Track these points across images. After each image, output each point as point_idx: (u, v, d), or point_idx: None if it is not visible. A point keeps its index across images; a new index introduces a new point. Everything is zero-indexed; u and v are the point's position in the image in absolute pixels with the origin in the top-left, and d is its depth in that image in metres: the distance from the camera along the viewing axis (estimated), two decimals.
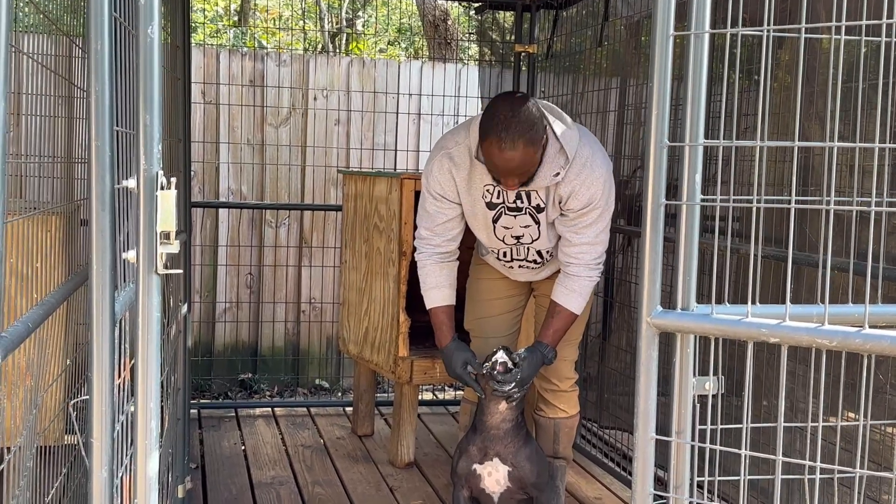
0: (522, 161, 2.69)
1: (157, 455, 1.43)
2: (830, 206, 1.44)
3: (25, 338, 1.47)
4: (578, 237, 2.90)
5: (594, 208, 2.85)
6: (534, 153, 2.70)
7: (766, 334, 1.45)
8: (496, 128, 2.65)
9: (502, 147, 2.65)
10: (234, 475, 3.75)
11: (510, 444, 2.88)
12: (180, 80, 3.08)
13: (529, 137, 2.66)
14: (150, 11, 1.35)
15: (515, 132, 2.64)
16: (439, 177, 2.94)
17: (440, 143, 3.00)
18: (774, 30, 1.48)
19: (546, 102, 2.92)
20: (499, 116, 2.66)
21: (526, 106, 2.69)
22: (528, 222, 2.97)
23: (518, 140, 2.64)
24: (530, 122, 2.66)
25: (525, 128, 2.65)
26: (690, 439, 1.56)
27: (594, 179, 2.82)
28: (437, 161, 2.95)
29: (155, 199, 1.37)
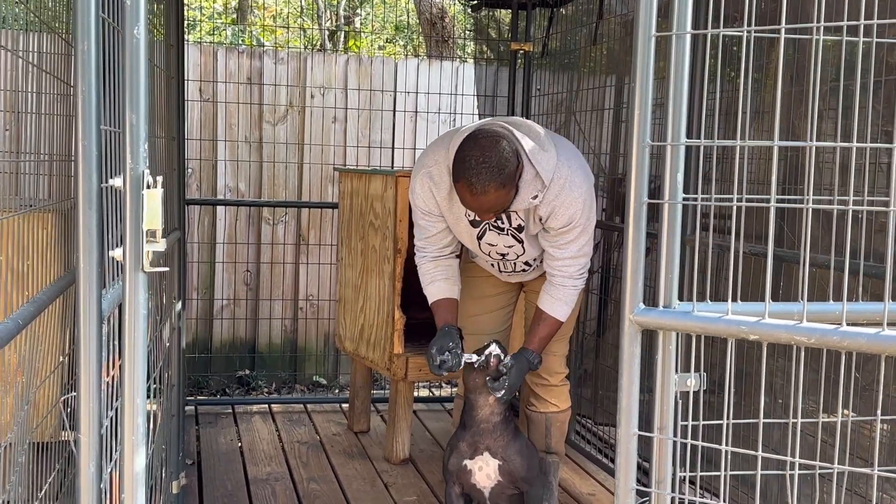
0: (494, 202, 2.73)
1: (144, 451, 1.45)
2: (809, 204, 1.46)
3: (15, 335, 1.49)
4: (561, 252, 2.93)
5: (575, 226, 2.88)
6: (505, 194, 2.72)
7: (746, 331, 1.46)
8: (467, 173, 2.67)
9: (473, 192, 2.68)
10: (229, 471, 3.77)
11: (499, 438, 2.90)
12: (174, 79, 3.10)
13: (500, 181, 2.67)
14: (136, 12, 1.37)
15: (486, 177, 2.65)
16: (421, 194, 2.98)
17: (421, 160, 3.03)
18: (755, 30, 1.50)
19: (522, 121, 2.91)
20: (469, 161, 2.67)
21: (497, 147, 2.68)
22: (511, 242, 3.03)
23: (489, 184, 2.66)
24: (500, 165, 2.66)
25: (495, 173, 2.65)
26: (673, 435, 1.57)
27: (573, 199, 2.83)
28: (419, 179, 2.98)
29: (141, 197, 1.39)
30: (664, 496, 1.57)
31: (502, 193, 2.70)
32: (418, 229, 3.09)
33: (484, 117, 4.94)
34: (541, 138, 2.82)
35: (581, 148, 4.28)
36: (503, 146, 2.69)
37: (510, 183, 2.70)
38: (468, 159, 2.67)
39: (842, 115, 1.91)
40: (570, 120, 4.41)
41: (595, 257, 4.14)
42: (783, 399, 2.97)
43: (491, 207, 2.75)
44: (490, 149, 2.66)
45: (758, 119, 3.13)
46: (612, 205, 4.11)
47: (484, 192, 2.67)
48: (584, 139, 4.25)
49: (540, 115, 4.65)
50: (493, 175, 2.65)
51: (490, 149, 2.66)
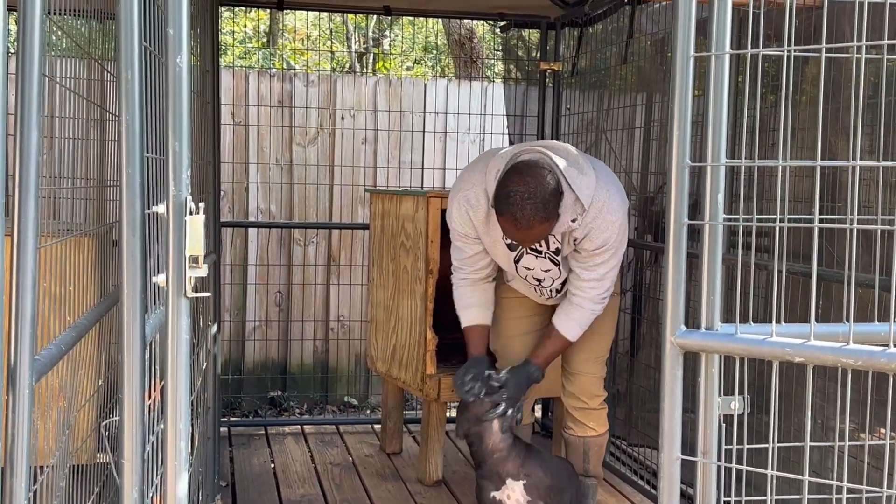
0: (539, 235, 2.74)
1: (187, 475, 1.45)
2: (854, 224, 1.44)
3: (58, 360, 1.51)
4: (588, 273, 2.93)
5: (607, 250, 2.88)
6: (549, 226, 2.72)
7: (791, 354, 1.44)
8: (511, 208, 2.67)
9: (518, 226, 2.69)
10: (263, 493, 3.77)
11: (514, 459, 2.93)
12: (210, 104, 3.13)
13: (545, 215, 2.67)
14: (178, 42, 1.39)
15: (531, 212, 2.65)
16: (458, 217, 3.00)
17: (458, 184, 3.04)
18: (796, 50, 1.49)
19: (557, 144, 2.91)
20: (514, 197, 2.66)
21: (541, 181, 2.67)
22: (548, 266, 3.03)
23: (533, 219, 2.66)
24: (545, 200, 2.66)
25: (540, 207, 2.65)
26: (716, 459, 1.56)
27: (609, 224, 2.83)
28: (456, 202, 2.99)
29: (184, 224, 1.40)
30: None
31: (546, 226, 2.71)
32: (455, 251, 3.09)
33: (513, 137, 4.95)
34: (578, 162, 2.82)
35: (612, 166, 4.27)
36: (546, 178, 2.68)
37: (554, 215, 2.71)
38: (513, 194, 2.66)
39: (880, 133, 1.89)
40: (600, 139, 4.40)
41: (627, 276, 4.12)
42: (822, 419, 2.92)
43: (535, 239, 2.77)
44: (534, 183, 2.66)
45: (794, 136, 3.10)
46: (644, 223, 4.09)
47: (529, 226, 2.67)
48: (614, 157, 4.24)
49: (570, 133, 4.65)
50: (538, 209, 2.65)
51: (534, 183, 2.66)
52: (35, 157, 1.30)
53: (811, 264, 1.54)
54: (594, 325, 3.13)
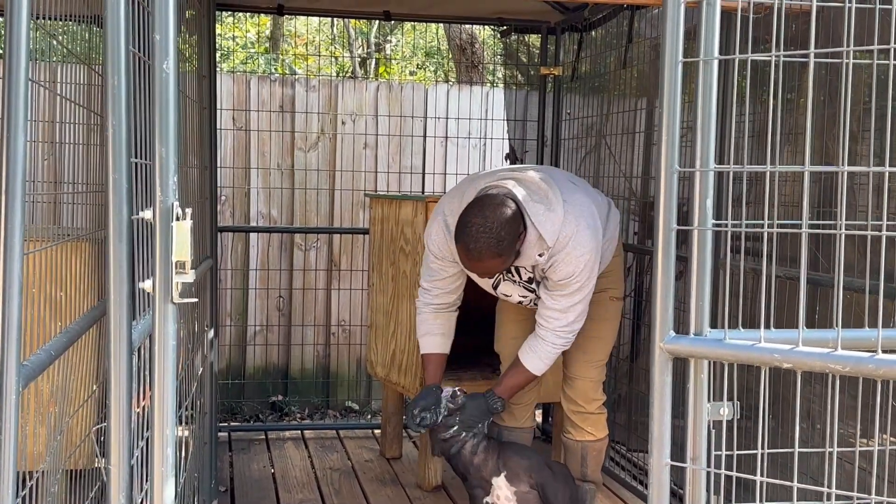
0: (490, 268, 2.80)
1: (174, 482, 1.45)
2: (842, 229, 1.43)
3: (48, 366, 1.51)
4: (552, 302, 2.95)
5: (572, 283, 2.89)
6: (502, 262, 2.77)
7: (780, 360, 1.44)
8: (465, 238, 2.73)
9: (470, 257, 2.75)
10: (262, 498, 3.77)
11: (490, 460, 2.99)
12: (206, 109, 3.14)
13: (496, 251, 2.72)
14: (165, 47, 1.39)
15: (483, 245, 2.70)
16: (437, 240, 3.04)
17: (439, 207, 3.08)
18: (784, 55, 1.48)
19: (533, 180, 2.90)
20: (469, 228, 2.72)
21: (499, 216, 2.71)
22: (524, 293, 3.07)
23: (484, 252, 2.72)
24: (499, 236, 2.70)
25: (493, 242, 2.70)
26: (706, 465, 1.55)
27: (575, 258, 2.84)
28: (436, 225, 3.04)
29: (171, 229, 1.40)
30: None
31: (498, 262, 2.76)
32: (428, 271, 3.13)
33: (514, 142, 4.95)
34: (548, 197, 2.82)
35: (612, 171, 4.27)
36: (506, 215, 2.72)
37: (507, 252, 2.75)
38: (469, 225, 2.73)
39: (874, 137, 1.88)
40: (600, 143, 4.39)
41: (627, 281, 4.11)
42: (821, 425, 2.91)
43: (486, 272, 2.84)
44: (492, 217, 2.71)
45: (791, 141, 3.10)
46: (644, 229, 4.08)
47: (479, 258, 2.73)
48: (614, 162, 4.24)
49: (570, 138, 4.65)
50: (491, 244, 2.70)
51: (492, 217, 2.71)
52: (21, 162, 1.31)
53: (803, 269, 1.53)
54: (593, 329, 3.13)
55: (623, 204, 4.16)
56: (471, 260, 2.75)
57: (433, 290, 3.13)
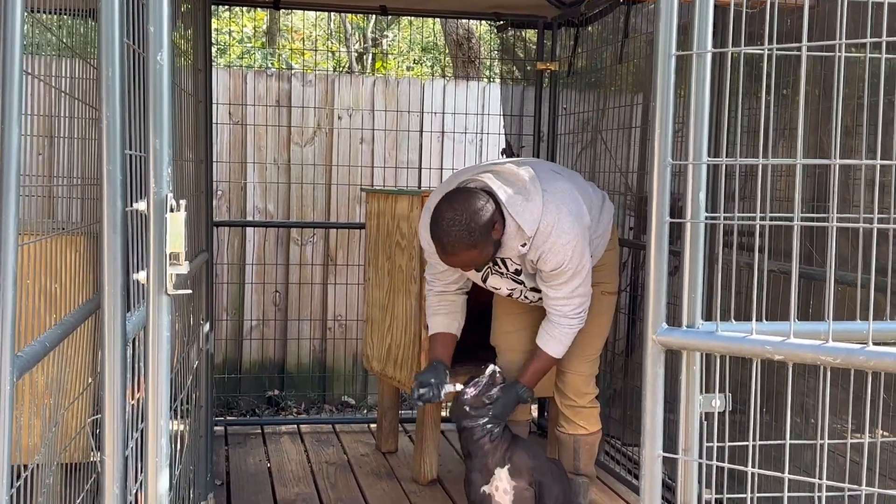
0: (466, 261, 2.80)
1: (168, 472, 1.45)
2: (834, 222, 1.44)
3: (42, 357, 1.51)
4: (554, 292, 2.97)
5: (565, 270, 2.90)
6: (477, 253, 2.78)
7: (771, 352, 1.45)
8: (437, 232, 2.75)
9: (444, 251, 2.77)
10: (258, 492, 3.78)
11: (499, 449, 2.99)
12: (202, 103, 3.14)
13: (469, 242, 2.73)
14: (159, 39, 1.39)
15: (454, 238, 2.72)
16: (425, 236, 3.06)
17: (428, 203, 3.09)
18: (777, 48, 1.49)
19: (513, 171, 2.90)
20: (440, 222, 2.74)
21: (469, 208, 2.72)
22: (512, 285, 3.09)
23: (457, 245, 2.73)
24: (470, 228, 2.71)
25: (464, 235, 2.71)
26: (698, 456, 1.56)
27: (561, 246, 2.85)
28: (423, 223, 3.07)
29: (164, 220, 1.41)
30: None
31: (473, 253, 2.76)
32: (428, 265, 3.20)
33: (510, 137, 4.96)
34: (526, 188, 2.83)
35: (607, 166, 4.27)
36: (477, 206, 2.73)
37: (482, 243, 2.75)
38: (440, 220, 2.75)
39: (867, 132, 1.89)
40: (596, 138, 4.40)
41: (623, 276, 4.12)
42: (815, 420, 2.92)
43: (463, 265, 2.84)
44: (461, 210, 2.72)
45: (786, 136, 3.10)
46: (640, 224, 4.09)
47: (454, 251, 2.75)
48: (610, 158, 4.24)
49: (566, 133, 4.65)
50: (462, 236, 2.71)
51: (461, 210, 2.72)
52: (15, 155, 1.31)
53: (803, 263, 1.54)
54: (585, 324, 3.14)
55: (619, 199, 4.17)
56: (446, 254, 2.77)
57: (436, 281, 3.19)
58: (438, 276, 3.15)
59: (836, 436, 2.29)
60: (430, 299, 3.23)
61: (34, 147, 4.23)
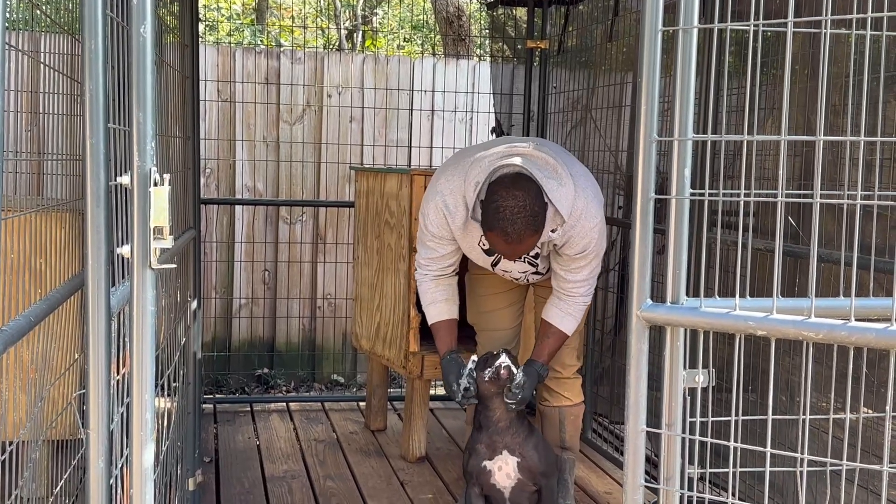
0: (528, 248, 2.75)
1: (153, 446, 1.46)
2: (817, 199, 1.45)
3: (27, 331, 1.51)
4: (573, 276, 2.96)
5: (588, 254, 2.90)
6: (537, 238, 2.73)
7: (754, 327, 1.45)
8: (502, 223, 2.66)
9: (509, 240, 2.69)
10: (247, 469, 3.79)
11: (517, 435, 2.93)
12: (189, 79, 3.12)
13: (535, 228, 2.68)
14: (142, 11, 1.38)
15: (522, 226, 2.65)
16: (435, 220, 2.98)
17: (435, 185, 3.01)
18: (763, 24, 1.49)
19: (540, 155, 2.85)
20: (504, 212, 2.65)
21: (528, 192, 2.67)
22: (525, 268, 3.07)
23: (524, 233, 2.67)
24: (534, 212, 2.66)
25: (531, 221, 2.66)
26: (682, 431, 1.57)
27: (588, 230, 2.85)
28: (433, 204, 2.97)
29: (148, 195, 1.40)
30: (672, 492, 1.56)
31: (536, 238, 2.72)
32: (424, 249, 3.08)
33: (500, 115, 4.94)
34: (557, 172, 2.80)
35: (597, 145, 4.27)
36: (533, 191, 2.69)
37: (542, 226, 2.72)
38: (503, 209, 2.66)
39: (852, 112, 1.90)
40: (586, 117, 4.40)
41: (611, 254, 4.13)
42: (800, 398, 2.94)
43: (524, 252, 2.78)
44: (523, 196, 2.66)
45: (774, 116, 3.11)
46: (629, 202, 4.09)
47: (519, 240, 2.68)
48: (600, 136, 4.24)
49: (556, 112, 4.64)
50: (529, 224, 2.66)
51: (523, 196, 2.66)
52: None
53: (790, 241, 1.55)
54: None
55: (608, 178, 4.17)
56: (510, 243, 2.70)
57: (430, 265, 3.10)
58: (436, 260, 3.08)
59: (820, 413, 2.31)
60: (425, 285, 3.13)
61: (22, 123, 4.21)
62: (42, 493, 2.02)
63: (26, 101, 3.38)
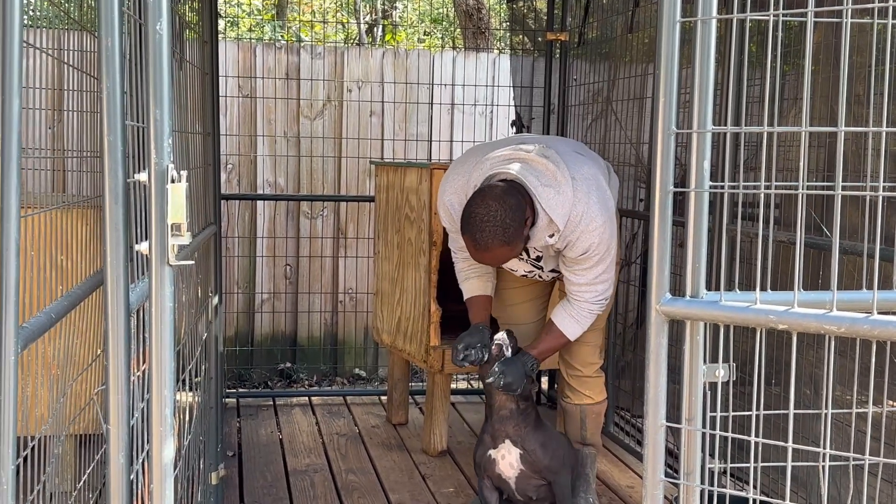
0: (496, 257, 2.78)
1: (172, 442, 1.47)
2: (839, 190, 1.43)
3: (48, 328, 1.52)
4: (578, 278, 2.95)
5: (591, 256, 2.88)
6: (510, 250, 2.75)
7: (774, 321, 1.44)
8: (471, 229, 2.71)
9: (477, 247, 2.73)
10: (269, 463, 3.81)
11: (519, 426, 2.94)
12: (209, 75, 3.13)
13: (503, 239, 2.70)
14: (158, 8, 1.38)
15: (489, 236, 2.68)
16: (445, 217, 3.07)
17: (445, 183, 3.07)
18: (783, 14, 1.47)
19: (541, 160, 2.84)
20: (474, 219, 2.70)
21: (504, 206, 2.68)
22: (530, 268, 3.08)
23: (491, 243, 2.70)
24: (504, 225, 2.67)
25: (499, 232, 2.68)
26: (702, 426, 1.55)
27: (590, 232, 2.83)
28: (441, 203, 3.06)
29: (166, 191, 1.41)
30: (693, 487, 1.55)
31: (506, 250, 2.74)
32: (449, 239, 3.20)
33: (520, 109, 4.92)
34: (557, 179, 2.79)
35: (618, 137, 4.25)
36: (512, 204, 2.70)
37: (515, 239, 2.73)
38: (473, 216, 2.71)
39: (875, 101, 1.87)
40: (607, 109, 4.37)
41: (633, 247, 4.11)
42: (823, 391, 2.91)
43: (494, 261, 2.82)
44: (496, 208, 2.68)
45: (797, 106, 3.07)
46: (650, 194, 4.06)
47: (486, 249, 2.72)
48: (621, 129, 4.21)
49: (577, 104, 4.62)
50: (496, 235, 2.69)
51: (496, 208, 2.68)
52: (16, 125, 1.31)
53: (812, 233, 1.53)
54: None
55: (629, 170, 4.15)
56: (478, 251, 2.74)
57: (459, 252, 3.19)
58: (461, 248, 3.13)
59: (844, 407, 2.28)
60: (460, 264, 3.19)
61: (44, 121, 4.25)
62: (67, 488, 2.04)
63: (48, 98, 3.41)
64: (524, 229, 2.76)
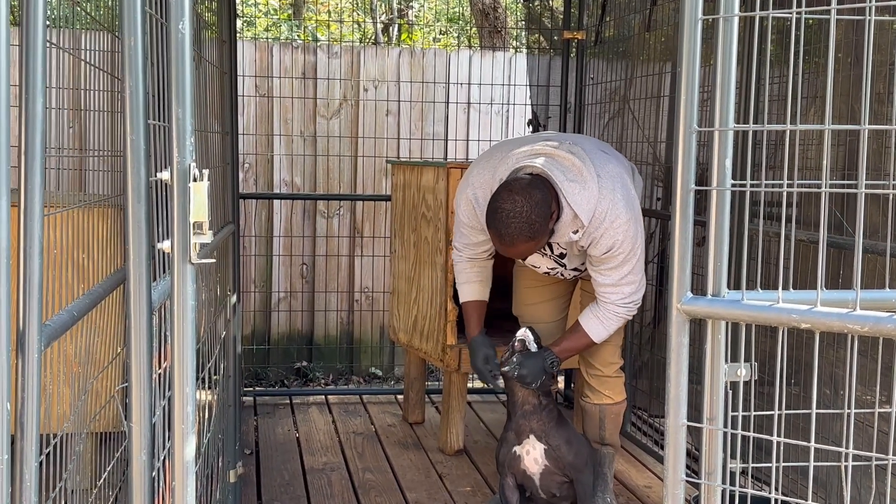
0: (523, 251, 2.79)
1: (194, 440, 1.47)
2: (862, 188, 1.42)
3: (70, 326, 1.53)
4: (603, 278, 2.94)
5: (616, 254, 2.86)
6: (535, 244, 2.75)
7: (797, 320, 1.43)
8: (496, 223, 2.71)
9: (502, 242, 2.74)
10: (286, 461, 3.82)
11: (542, 421, 2.94)
12: (227, 74, 3.14)
13: (528, 234, 2.70)
14: (181, 7, 1.39)
15: (514, 230, 2.69)
16: (466, 210, 3.06)
17: (468, 177, 3.07)
18: (805, 12, 1.46)
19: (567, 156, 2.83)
20: (500, 213, 2.70)
21: (529, 200, 2.68)
22: (553, 265, 3.08)
23: (516, 237, 2.70)
24: (530, 220, 2.67)
25: (524, 227, 2.68)
26: (723, 426, 1.55)
27: (615, 229, 2.82)
28: (465, 197, 3.05)
29: (188, 190, 1.41)
30: (714, 487, 1.54)
31: (531, 244, 2.75)
32: (459, 235, 3.18)
33: (537, 108, 4.92)
34: (582, 174, 2.79)
35: (635, 136, 4.23)
36: (535, 198, 2.70)
37: (540, 234, 2.74)
38: (499, 211, 2.70)
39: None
40: (624, 108, 4.36)
41: (650, 246, 4.09)
42: (844, 391, 2.89)
43: (519, 255, 2.84)
44: (521, 202, 2.68)
45: (817, 104, 3.05)
46: (668, 193, 4.05)
47: (511, 243, 2.72)
48: (638, 128, 4.20)
49: (594, 103, 4.61)
50: (522, 229, 2.69)
51: (521, 202, 2.68)
52: (40, 125, 1.32)
53: (834, 232, 1.52)
54: None
55: (647, 169, 4.13)
56: (503, 245, 2.75)
57: (466, 249, 3.19)
58: (470, 246, 3.16)
59: (866, 407, 2.27)
60: (460, 265, 3.22)
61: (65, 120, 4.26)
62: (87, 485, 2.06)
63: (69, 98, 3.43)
64: (549, 223, 2.75)
